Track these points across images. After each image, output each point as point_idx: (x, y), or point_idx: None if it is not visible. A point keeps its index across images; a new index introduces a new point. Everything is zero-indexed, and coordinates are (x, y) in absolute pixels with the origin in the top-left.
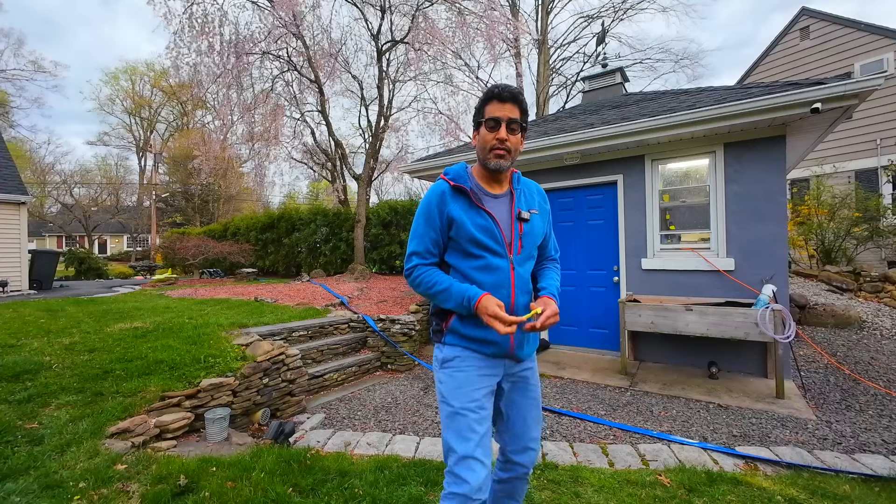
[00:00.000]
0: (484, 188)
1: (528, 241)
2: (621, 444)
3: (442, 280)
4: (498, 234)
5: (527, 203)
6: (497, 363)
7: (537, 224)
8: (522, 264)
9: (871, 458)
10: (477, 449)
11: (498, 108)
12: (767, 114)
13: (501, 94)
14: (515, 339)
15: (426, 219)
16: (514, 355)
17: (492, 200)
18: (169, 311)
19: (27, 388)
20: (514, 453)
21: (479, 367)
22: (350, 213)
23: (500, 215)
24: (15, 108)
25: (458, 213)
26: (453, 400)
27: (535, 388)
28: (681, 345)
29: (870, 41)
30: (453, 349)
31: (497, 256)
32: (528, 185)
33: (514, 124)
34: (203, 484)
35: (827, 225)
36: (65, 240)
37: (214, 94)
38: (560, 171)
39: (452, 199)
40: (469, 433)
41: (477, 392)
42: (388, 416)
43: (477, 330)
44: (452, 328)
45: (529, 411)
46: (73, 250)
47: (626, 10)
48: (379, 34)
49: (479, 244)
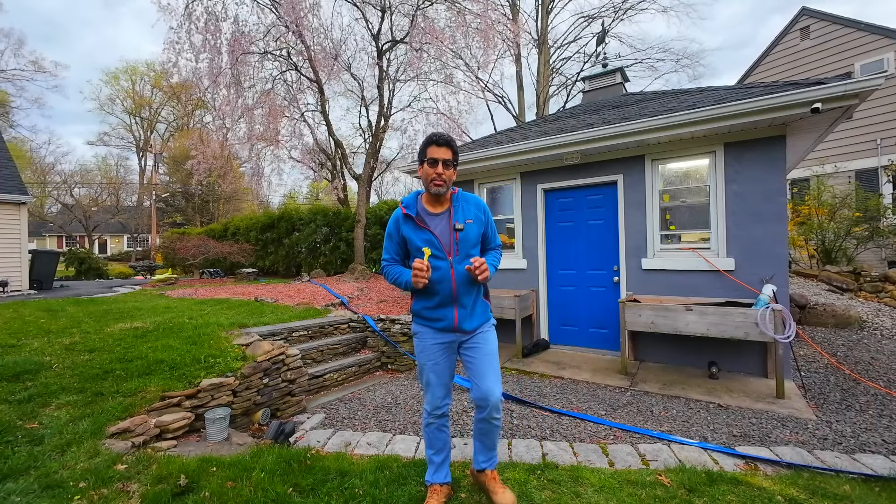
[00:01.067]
0: (428, 210)
1: (463, 245)
2: (621, 444)
3: (397, 270)
4: (437, 243)
5: (463, 215)
6: (448, 335)
7: (471, 231)
8: (461, 262)
9: (872, 458)
10: (430, 385)
11: (436, 151)
12: (768, 114)
13: (438, 140)
14: (459, 316)
15: (389, 236)
16: (459, 328)
17: (434, 218)
18: (169, 311)
19: (27, 388)
20: (477, 393)
21: (433, 338)
22: (350, 212)
23: (440, 229)
24: (15, 109)
25: (407, 233)
26: (419, 358)
27: (487, 346)
28: (681, 345)
29: (870, 41)
30: (417, 326)
31: (438, 259)
32: (466, 200)
33: (448, 163)
34: (203, 484)
35: (827, 225)
36: (65, 240)
37: (214, 95)
38: (560, 170)
39: (404, 223)
40: (427, 376)
41: (432, 353)
42: (388, 416)
43: (427, 311)
44: (413, 310)
45: (484, 363)
46: (73, 250)
47: (627, 10)
48: (379, 34)
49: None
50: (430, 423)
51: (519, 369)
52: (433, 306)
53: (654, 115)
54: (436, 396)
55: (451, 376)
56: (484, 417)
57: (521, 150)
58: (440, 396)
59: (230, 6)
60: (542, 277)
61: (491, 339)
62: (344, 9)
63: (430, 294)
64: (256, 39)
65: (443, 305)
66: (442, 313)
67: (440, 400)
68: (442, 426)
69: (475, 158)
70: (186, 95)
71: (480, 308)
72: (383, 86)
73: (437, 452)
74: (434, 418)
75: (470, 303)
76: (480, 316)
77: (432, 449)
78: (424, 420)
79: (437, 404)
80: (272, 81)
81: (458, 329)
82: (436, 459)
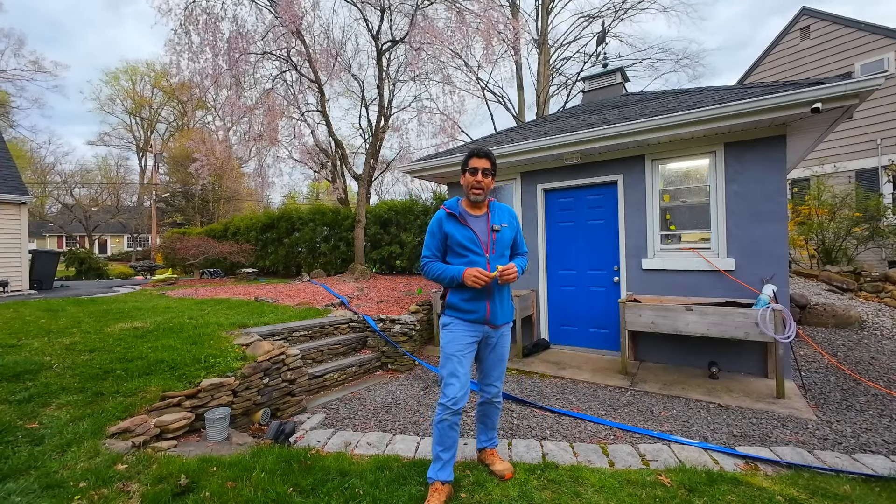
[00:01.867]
0: (468, 212)
1: (500, 244)
2: (621, 444)
3: (442, 266)
4: (477, 241)
5: (499, 220)
6: (478, 327)
7: (506, 234)
8: (496, 260)
9: (872, 458)
10: (453, 376)
11: (476, 162)
12: (768, 114)
13: (479, 153)
14: (491, 309)
15: (431, 233)
16: (490, 321)
17: (474, 219)
18: (169, 311)
19: (28, 387)
20: (482, 384)
21: (463, 330)
22: (350, 212)
23: (479, 228)
24: (15, 109)
25: (450, 229)
26: (447, 348)
27: (501, 349)
28: (681, 345)
29: (870, 41)
30: (448, 318)
31: (477, 255)
32: (501, 208)
33: (486, 171)
34: (203, 484)
35: (827, 225)
36: (65, 240)
37: (214, 95)
38: (560, 170)
39: (447, 221)
40: (453, 366)
41: (460, 344)
42: (388, 416)
43: (463, 303)
44: (448, 303)
45: (494, 364)
46: (73, 250)
47: (627, 9)
48: (379, 34)
49: (464, 247)
50: (444, 420)
51: (519, 369)
52: (469, 297)
53: (654, 115)
54: (457, 389)
55: (470, 370)
56: (487, 401)
57: (521, 150)
58: (461, 388)
59: (229, 6)
60: (542, 277)
61: (506, 343)
62: (344, 8)
63: (469, 288)
64: (256, 40)
65: (478, 298)
66: (476, 305)
67: (459, 391)
68: (455, 424)
69: None
70: (187, 95)
71: (508, 306)
72: (383, 86)
73: (445, 450)
74: (450, 414)
75: (500, 300)
76: (508, 314)
77: (441, 446)
78: (438, 415)
79: (457, 396)
80: (272, 81)
81: (489, 322)
82: (444, 456)
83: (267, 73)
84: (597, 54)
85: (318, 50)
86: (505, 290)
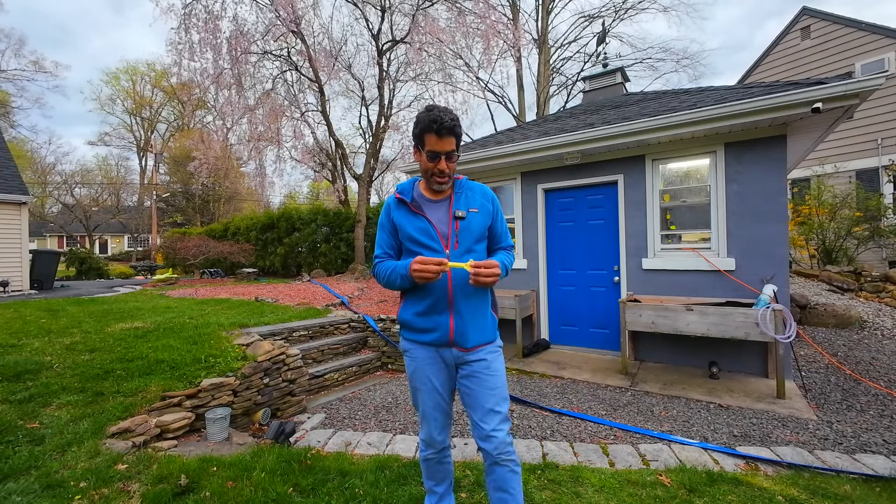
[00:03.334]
0: (426, 196)
1: (465, 236)
2: (622, 444)
3: (390, 264)
4: (433, 232)
5: (466, 204)
6: (442, 352)
7: (475, 221)
8: (460, 258)
9: (872, 458)
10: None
11: (437, 143)
12: (768, 113)
13: (440, 129)
14: (455, 328)
15: (381, 226)
16: (456, 342)
17: (431, 205)
18: (169, 311)
19: (28, 387)
20: (480, 441)
21: (424, 358)
22: (350, 212)
23: (437, 217)
24: (16, 109)
25: (399, 219)
26: (411, 381)
27: (491, 378)
28: (681, 345)
29: (871, 41)
30: (406, 342)
31: (432, 251)
32: (472, 187)
33: (451, 154)
34: (204, 484)
35: (828, 225)
36: (65, 240)
37: (214, 95)
38: (560, 170)
39: (396, 209)
40: (422, 402)
41: (424, 376)
42: (388, 416)
43: (416, 318)
44: (402, 320)
45: (486, 399)
46: (73, 250)
47: (627, 9)
48: (379, 34)
49: (416, 241)
50: (429, 458)
51: (519, 369)
52: (424, 311)
53: (654, 114)
54: (433, 428)
55: (450, 402)
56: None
57: (521, 149)
58: (438, 428)
59: (229, 4)
60: (542, 277)
61: (496, 367)
62: (344, 8)
63: (422, 295)
64: (256, 39)
65: (435, 311)
66: (434, 321)
67: (438, 432)
68: (442, 460)
69: (476, 158)
70: (187, 95)
71: (482, 321)
72: (383, 86)
73: (438, 483)
74: (433, 453)
75: (469, 311)
76: (482, 331)
77: (433, 480)
78: (421, 453)
79: (435, 437)
80: (272, 81)
81: (454, 343)
82: (438, 490)
83: (267, 72)
84: (597, 54)
85: (319, 49)
86: (478, 298)
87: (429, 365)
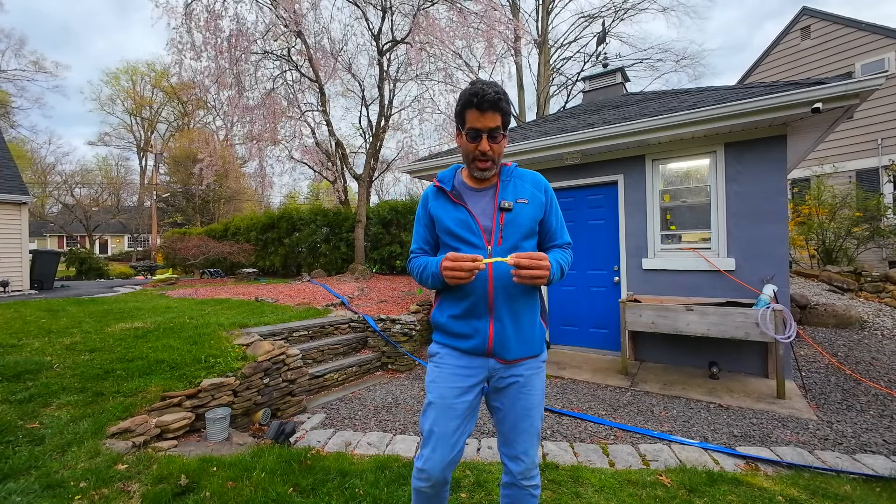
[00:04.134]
0: (468, 185)
1: (511, 230)
2: (622, 444)
3: (423, 260)
4: (474, 226)
5: (514, 193)
6: (477, 361)
7: (524, 213)
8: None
9: (873, 458)
10: (430, 436)
11: (478, 119)
12: (768, 113)
13: (481, 103)
14: (495, 336)
15: (418, 218)
16: (494, 353)
17: (474, 195)
18: (170, 311)
19: (28, 387)
20: (506, 458)
21: (455, 367)
22: (350, 212)
23: (479, 208)
24: (16, 109)
25: (436, 210)
26: (429, 392)
27: (529, 397)
28: (681, 345)
29: (871, 41)
30: (437, 346)
31: (472, 247)
32: (522, 175)
33: (495, 133)
34: (204, 484)
35: (828, 225)
36: (66, 240)
37: (215, 96)
38: (560, 170)
39: (434, 199)
40: (433, 419)
41: (448, 389)
42: (388, 416)
43: (451, 322)
44: (435, 322)
45: (519, 422)
46: (73, 250)
47: (627, 10)
48: (380, 34)
49: (454, 236)
50: (424, 491)
51: None
52: (460, 314)
53: (654, 115)
54: (436, 459)
55: (465, 430)
56: (515, 484)
57: (521, 149)
58: (442, 463)
59: (229, 3)
60: None
61: (536, 385)
62: (346, 9)
63: (459, 296)
64: (256, 38)
65: (473, 315)
66: (472, 326)
67: (442, 468)
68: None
69: None
70: (187, 95)
71: (529, 330)
72: (383, 86)
73: None
74: (428, 487)
75: (512, 317)
76: (528, 342)
77: None
78: (415, 481)
79: (435, 473)
80: (273, 81)
81: (493, 353)
82: None
83: (268, 72)
84: (597, 54)
85: (319, 49)
86: (525, 301)
87: (453, 375)
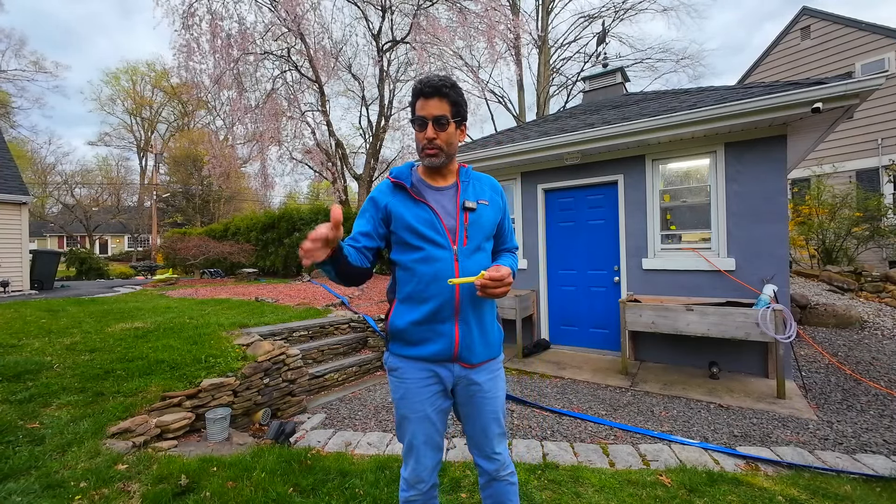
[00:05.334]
0: (427, 182)
1: (475, 231)
2: (622, 444)
3: None
4: (439, 225)
5: (475, 194)
6: (441, 368)
7: (486, 214)
8: (469, 257)
9: (873, 458)
10: (411, 450)
11: (422, 106)
12: (768, 113)
13: (423, 89)
14: (461, 340)
15: (362, 212)
16: (460, 357)
17: (435, 193)
18: (170, 311)
19: (28, 387)
20: (480, 458)
21: (417, 380)
22: (350, 212)
23: (443, 206)
24: (16, 109)
25: (396, 207)
26: (398, 408)
27: (494, 401)
28: (681, 345)
29: (871, 41)
30: (396, 359)
31: (438, 247)
32: (479, 177)
33: (441, 121)
34: (204, 484)
35: (828, 225)
36: (66, 240)
37: (216, 96)
38: (560, 171)
39: (392, 195)
40: (411, 433)
41: (418, 403)
42: (388, 416)
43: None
44: (394, 330)
45: (489, 426)
46: (73, 250)
47: (627, 10)
48: (380, 34)
49: (418, 234)
50: (413, 500)
51: (519, 369)
52: (422, 319)
53: (654, 115)
54: (422, 466)
55: (443, 432)
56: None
57: (521, 149)
58: (429, 467)
59: (230, 3)
60: (542, 277)
61: (499, 386)
62: (346, 9)
63: (420, 300)
64: (256, 39)
65: (437, 319)
66: (436, 330)
67: (427, 470)
68: (429, 501)
69: (476, 158)
70: (188, 95)
71: (492, 331)
72: (383, 86)
73: None
74: (418, 494)
75: (477, 320)
76: (491, 345)
77: None
78: (403, 493)
79: (423, 476)
80: (273, 81)
81: (458, 357)
82: None
83: (268, 72)
84: (597, 54)
85: (319, 49)
86: (486, 307)
87: (422, 388)
